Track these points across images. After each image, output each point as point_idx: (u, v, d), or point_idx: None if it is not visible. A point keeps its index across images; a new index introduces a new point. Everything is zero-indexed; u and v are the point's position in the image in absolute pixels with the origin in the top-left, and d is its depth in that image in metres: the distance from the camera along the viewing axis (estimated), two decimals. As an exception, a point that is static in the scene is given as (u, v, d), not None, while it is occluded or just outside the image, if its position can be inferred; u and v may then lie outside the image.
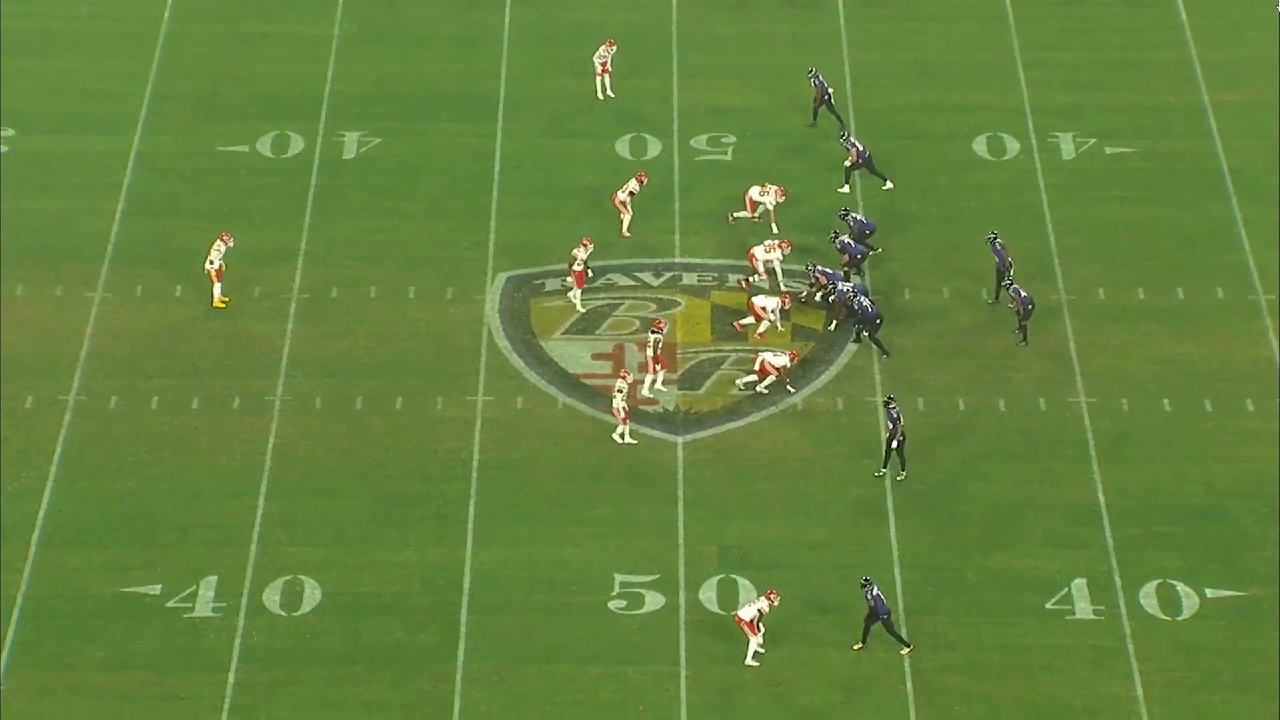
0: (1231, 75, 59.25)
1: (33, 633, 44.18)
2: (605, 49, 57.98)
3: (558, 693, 43.26)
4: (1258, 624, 44.62)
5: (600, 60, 58.01)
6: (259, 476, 47.61)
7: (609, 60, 58.00)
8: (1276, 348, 50.91)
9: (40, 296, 51.95)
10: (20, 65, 59.17)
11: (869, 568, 45.55)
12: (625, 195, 53.75)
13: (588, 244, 51.43)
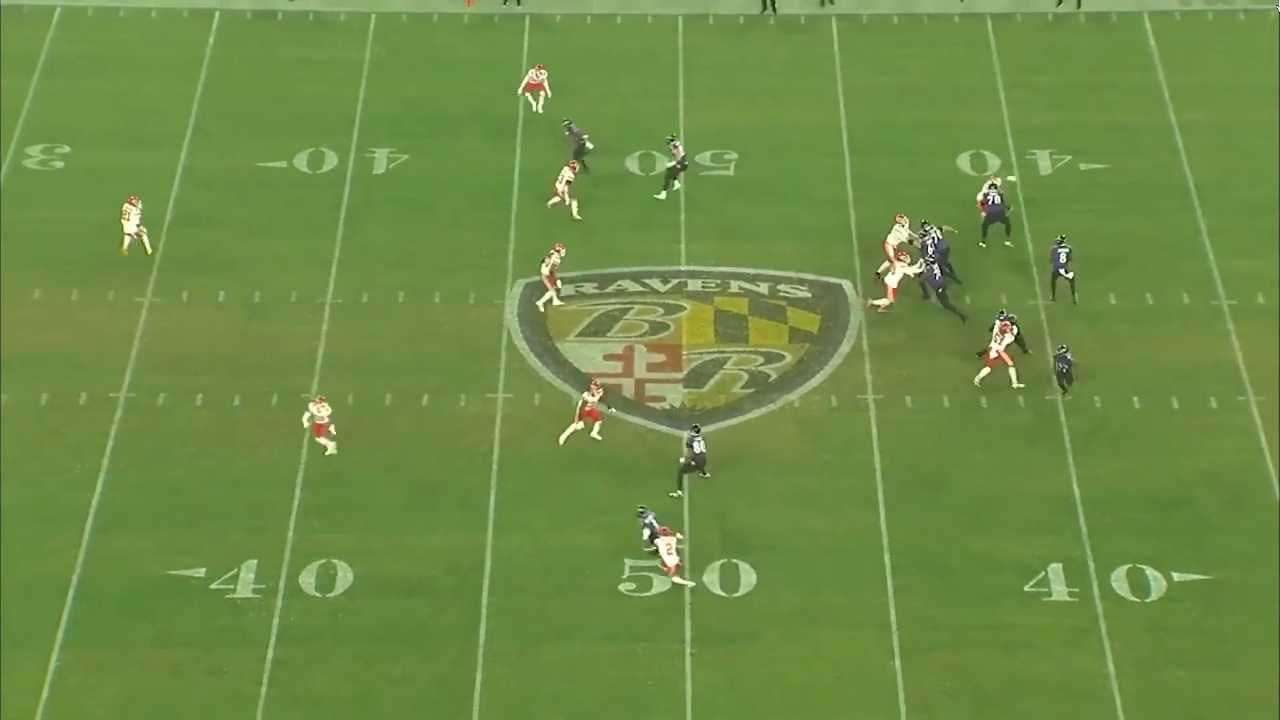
0: (1196, 97, 59.18)
1: (86, 612, 44.22)
2: (535, 72, 58.10)
3: (572, 669, 43.27)
4: (1221, 605, 44.60)
5: (530, 81, 58.03)
6: (295, 468, 47.62)
7: (542, 82, 58.01)
8: (1238, 349, 50.84)
9: (94, 300, 51.97)
10: (76, 86, 59.24)
11: (860, 553, 45.66)
12: (563, 185, 54.08)
13: (560, 249, 51.44)
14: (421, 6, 62.87)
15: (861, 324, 51.62)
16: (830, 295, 52.54)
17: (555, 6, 63.01)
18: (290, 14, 62.41)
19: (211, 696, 42.55)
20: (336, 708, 42.40)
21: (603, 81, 59.29)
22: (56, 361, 50.15)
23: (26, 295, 52.07)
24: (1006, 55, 61.01)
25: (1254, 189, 55.73)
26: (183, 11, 62.27)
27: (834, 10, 62.71)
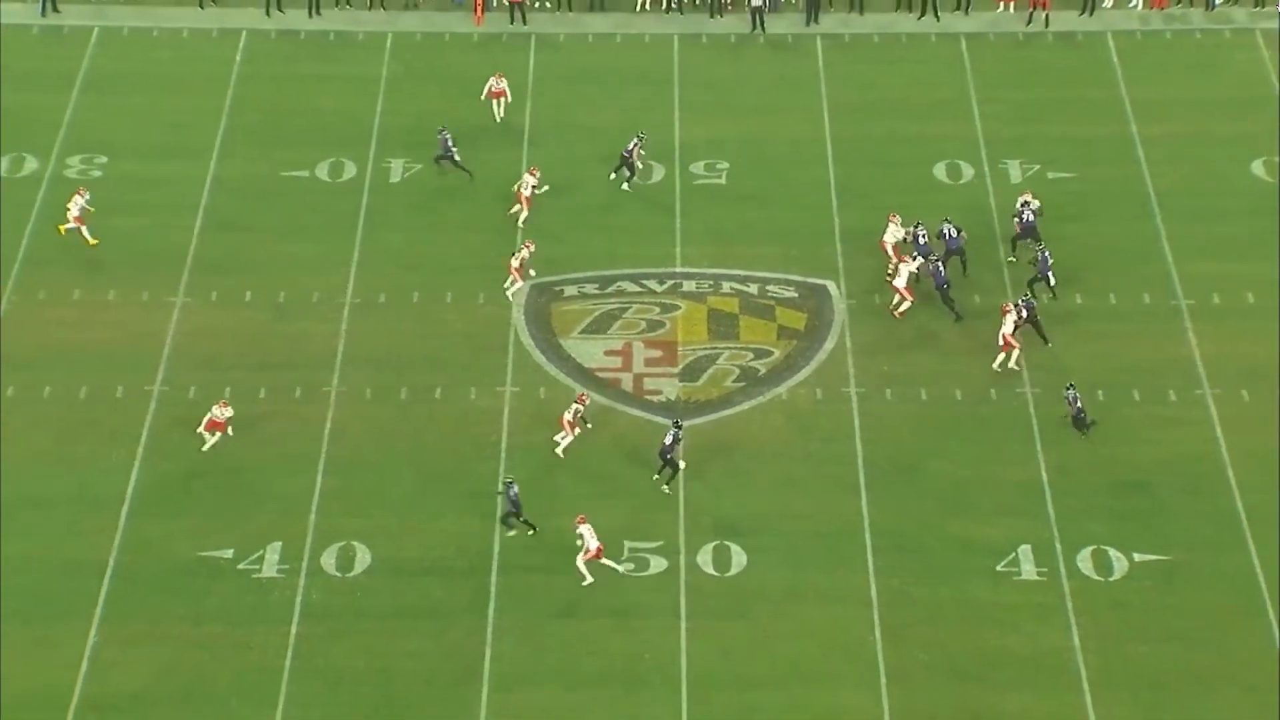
0: (1156, 111, 59.14)
1: (122, 591, 44.24)
2: (495, 80, 58.17)
3: (575, 643, 43.30)
4: (1179, 584, 44.68)
5: (492, 88, 58.19)
6: (317, 456, 47.61)
7: (504, 89, 58.15)
8: (1195, 346, 50.83)
9: (129, 300, 51.93)
10: (113, 101, 59.19)
11: (844, 535, 45.68)
12: (529, 190, 54.27)
13: (530, 246, 51.90)
14: (434, 26, 62.83)
15: (845, 322, 51.58)
16: (816, 295, 52.51)
17: (558, 26, 62.98)
18: (312, 33, 62.35)
19: (239, 669, 42.58)
20: (355, 680, 42.42)
21: (603, 96, 59.24)
22: (95, 357, 50.13)
23: (67, 295, 52.05)
24: (979, 72, 60.97)
25: (1209, 197, 55.72)
26: (212, 31, 62.21)
27: (819, 30, 62.67)
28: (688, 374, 50.23)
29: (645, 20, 63.21)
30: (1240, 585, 44.65)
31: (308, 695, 42.11)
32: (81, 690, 42.02)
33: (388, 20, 62.92)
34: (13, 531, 45.42)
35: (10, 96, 58.97)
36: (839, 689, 42.26)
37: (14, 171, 56.32)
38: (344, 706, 41.87)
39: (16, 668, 42.41)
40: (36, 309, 51.63)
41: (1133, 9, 63.43)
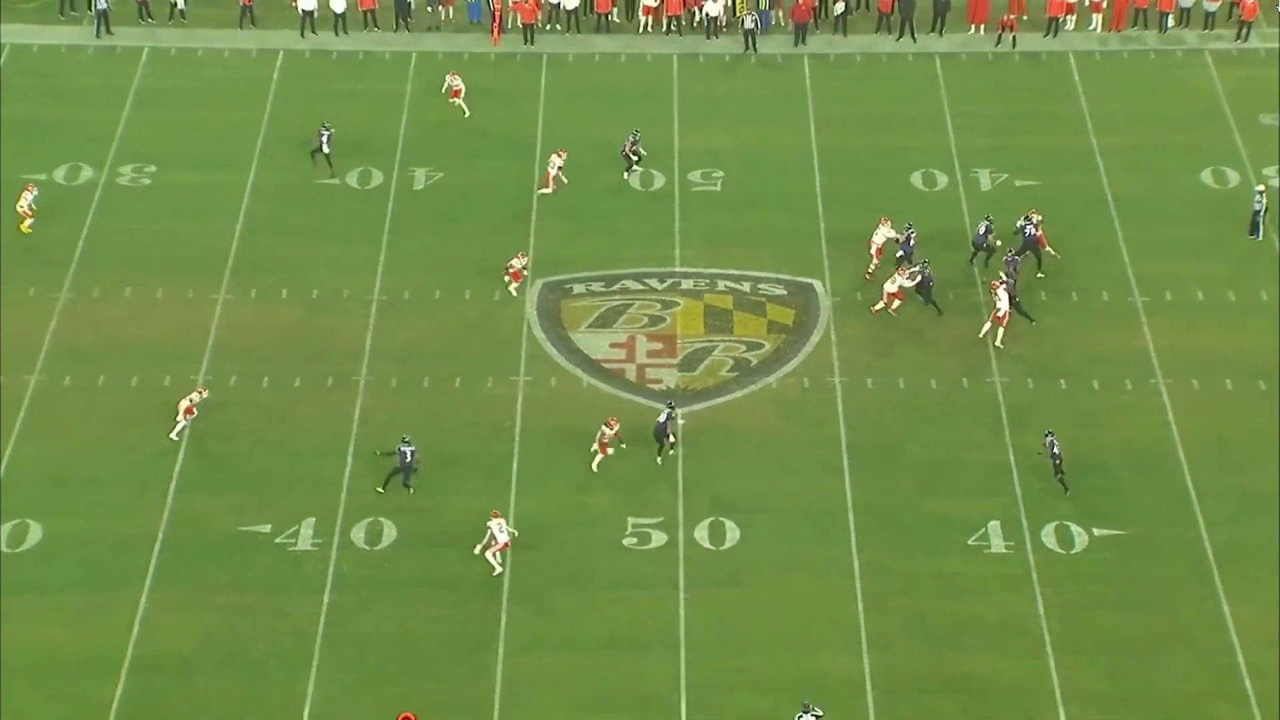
0: (1113, 124, 59.12)
1: (170, 561, 44.32)
2: (451, 78, 58.98)
3: (582, 610, 43.35)
4: (1135, 556, 44.72)
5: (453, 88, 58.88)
6: (347, 440, 47.62)
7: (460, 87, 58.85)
8: (1149, 339, 50.82)
9: (176, 298, 51.93)
10: (160, 115, 59.19)
11: (828, 512, 45.68)
12: (554, 170, 55.12)
13: (522, 257, 51.93)
14: (454, 46, 62.80)
15: (830, 318, 51.57)
16: (803, 293, 52.51)
17: (568, 47, 62.96)
18: (343, 53, 62.35)
19: (277, 634, 42.64)
20: (383, 644, 42.47)
21: (608, 111, 59.20)
22: (144, 350, 50.15)
23: (119, 293, 52.06)
24: (952, 88, 60.94)
25: (1162, 203, 55.69)
26: (251, 51, 62.21)
27: (806, 50, 62.65)
28: (686, 364, 50.23)
29: (647, 41, 63.21)
30: (1190, 557, 44.66)
31: (339, 658, 42.17)
32: (133, 652, 42.10)
33: (412, 41, 62.92)
34: (71, 509, 45.49)
35: (68, 111, 59.06)
36: (824, 652, 42.30)
37: (71, 180, 56.32)
38: (372, 668, 41.92)
39: (75, 632, 42.53)
40: (92, 305, 51.64)
41: (1092, 31, 63.47)
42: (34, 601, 43.19)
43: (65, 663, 41.83)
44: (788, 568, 44.34)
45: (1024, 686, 41.63)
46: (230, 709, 40.97)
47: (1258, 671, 41.85)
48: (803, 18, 62.70)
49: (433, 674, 41.61)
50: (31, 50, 61.92)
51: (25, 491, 45.94)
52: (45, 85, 60.43)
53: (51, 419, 48.06)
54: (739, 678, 41.73)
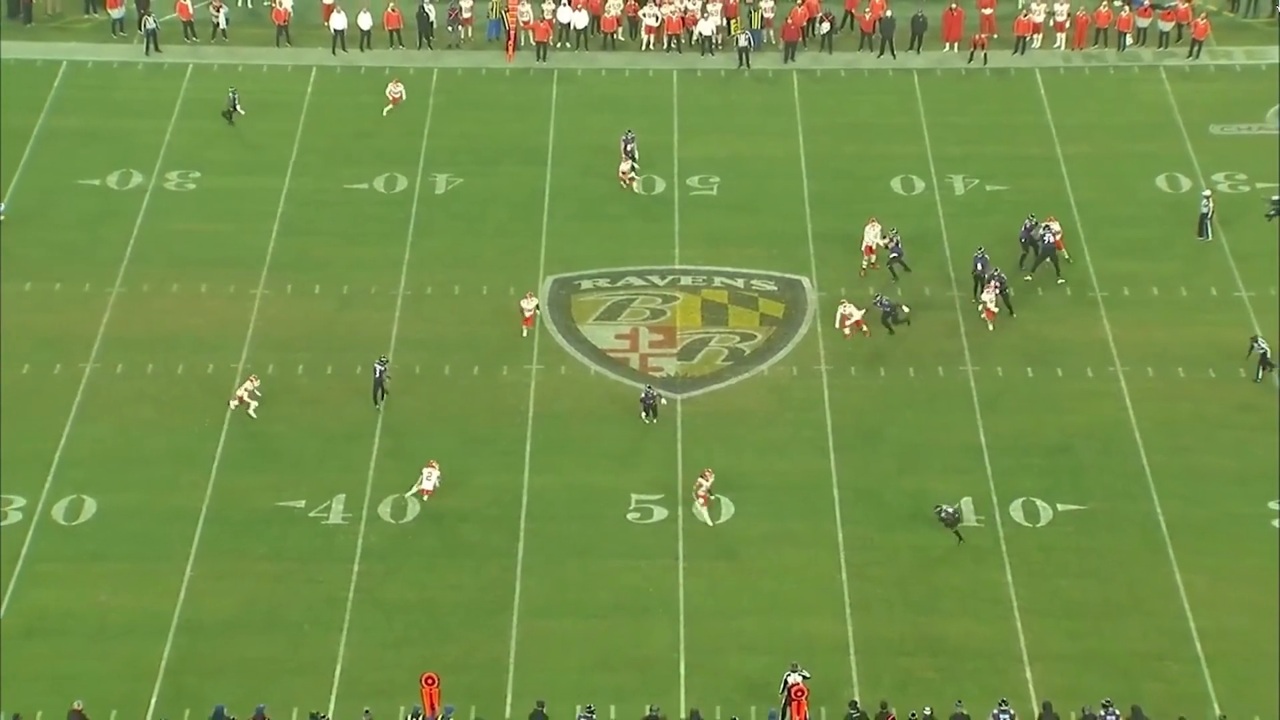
0: (1076, 134, 58.99)
1: (213, 533, 44.36)
2: (394, 86, 59.60)
3: (589, 578, 43.38)
4: (1094, 529, 44.73)
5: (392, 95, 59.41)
6: (375, 422, 47.59)
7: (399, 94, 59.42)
8: (1109, 331, 50.76)
9: (218, 292, 51.89)
10: (204, 126, 59.07)
11: (815, 489, 45.67)
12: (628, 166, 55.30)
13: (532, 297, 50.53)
14: (473, 62, 62.70)
15: (816, 311, 51.50)
16: (792, 289, 52.45)
17: (577, 63, 62.85)
18: (370, 69, 62.22)
19: (310, 600, 42.67)
20: (407, 609, 42.49)
21: (614, 121, 58.98)
22: (189, 340, 50.10)
23: (167, 288, 52.02)
24: (929, 101, 60.82)
25: (1121, 206, 55.57)
26: (287, 67, 62.11)
27: (795, 66, 62.54)
28: (685, 354, 50.17)
29: (649, 58, 63.11)
30: (1145, 530, 44.65)
31: (367, 621, 42.19)
32: (180, 615, 42.15)
33: (433, 58, 62.81)
34: (123, 485, 45.50)
35: (120, 122, 58.96)
36: (811, 617, 42.28)
37: (123, 184, 56.25)
38: (397, 631, 41.94)
39: (126, 598, 42.58)
40: (142, 299, 51.60)
41: (1056, 49, 63.34)
42: (90, 569, 43.24)
43: (118, 625, 41.87)
44: (778, 540, 44.31)
45: (994, 647, 41.65)
46: (268, 667, 40.99)
47: (1206, 634, 41.86)
48: (792, 36, 62.65)
49: (453, 636, 41.62)
50: (87, 66, 61.84)
51: (81, 469, 45.95)
52: (99, 98, 60.34)
53: (105, 403, 48.05)
54: (733, 640, 41.73)
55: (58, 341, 49.80)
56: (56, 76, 61.10)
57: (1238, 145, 58.37)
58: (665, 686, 40.66)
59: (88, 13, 64.22)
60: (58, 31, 63.61)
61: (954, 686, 40.30)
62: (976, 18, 63.36)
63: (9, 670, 40.71)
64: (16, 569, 43.10)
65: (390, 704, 39.85)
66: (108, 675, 40.59)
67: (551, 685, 40.49)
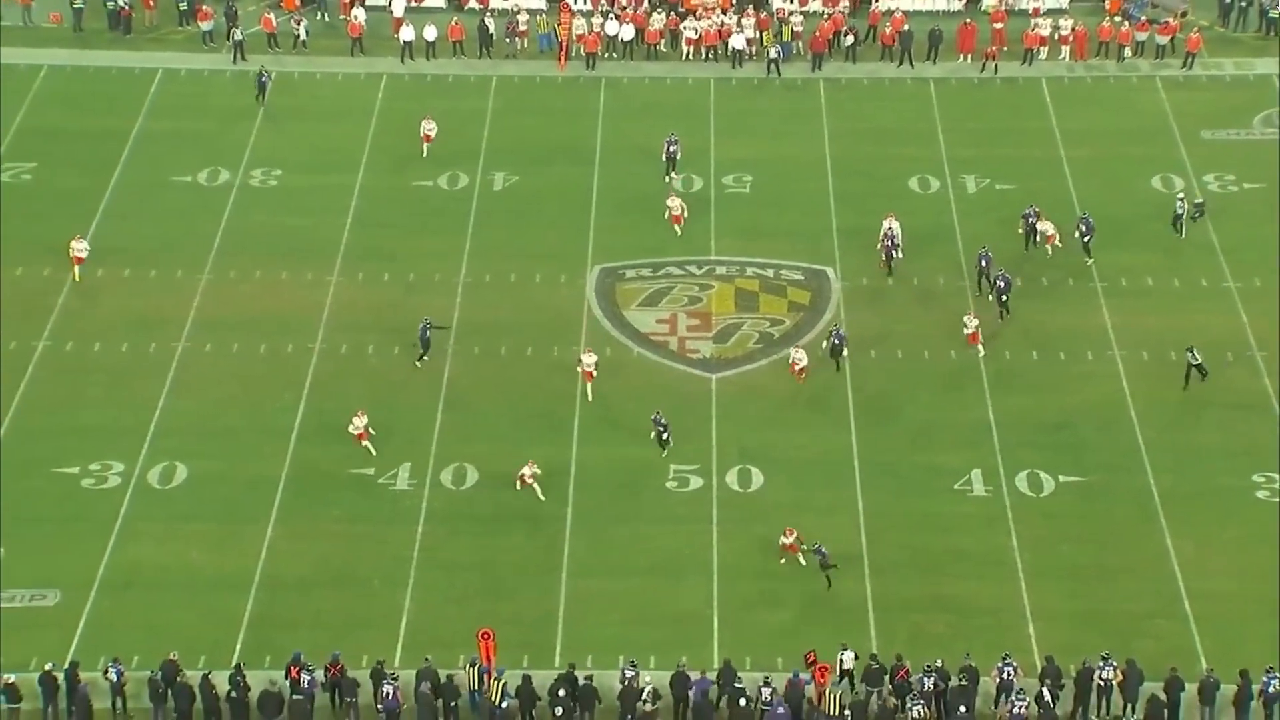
0: (1078, 138, 58.53)
1: (291, 498, 44.44)
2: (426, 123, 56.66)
3: (631, 541, 43.33)
4: (1094, 499, 44.51)
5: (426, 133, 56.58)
6: (438, 398, 47.57)
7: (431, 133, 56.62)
8: (1107, 318, 50.37)
9: (297, 279, 51.91)
10: (285, 128, 59.14)
11: (837, 462, 45.46)
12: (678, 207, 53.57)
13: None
14: (528, 70, 62.52)
15: (839, 299, 51.25)
16: (817, 278, 52.19)
17: (623, 71, 62.62)
18: (436, 76, 62.14)
19: (379, 559, 42.72)
20: (466, 569, 42.50)
21: (656, 125, 58.76)
22: (271, 322, 50.14)
23: (251, 275, 52.07)
24: (944, 107, 60.40)
25: (1119, 204, 55.04)
26: (360, 75, 62.08)
27: (821, 75, 62.20)
28: (719, 337, 49.98)
29: (689, 67, 62.83)
30: (1140, 500, 44.34)
31: (430, 579, 42.20)
32: (261, 573, 42.24)
33: (492, 66, 62.67)
34: (210, 453, 45.58)
35: (209, 124, 58.98)
36: (833, 578, 42.02)
37: (212, 181, 56.34)
38: (457, 588, 41.93)
39: (213, 555, 42.71)
40: (229, 286, 51.66)
41: (1061, 60, 62.87)
42: (180, 529, 43.35)
43: (205, 581, 41.99)
44: (803, 508, 44.09)
45: (1000, 606, 41.42)
46: (341, 620, 41.03)
47: (1195, 596, 41.57)
48: (819, 48, 62.34)
49: (507, 594, 41.59)
50: (180, 74, 61.93)
51: (173, 439, 46.06)
52: (191, 103, 60.41)
53: (195, 379, 48.15)
54: (761, 598, 41.58)
55: (153, 323, 49.92)
56: (153, 83, 61.21)
57: (1227, 149, 57.88)
58: (700, 640, 40.54)
59: (181, 25, 64.33)
60: (154, 43, 63.74)
61: (963, 642, 40.01)
62: (989, 31, 62.95)
63: (108, 619, 40.89)
64: (115, 528, 43.28)
65: (450, 654, 39.82)
66: (197, 625, 40.71)
67: (596, 639, 40.44)
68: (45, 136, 58.05)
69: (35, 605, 41.16)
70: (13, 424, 46.30)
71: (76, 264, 50.48)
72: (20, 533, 42.95)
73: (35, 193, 55.42)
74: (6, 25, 64.02)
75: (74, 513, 43.65)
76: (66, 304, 50.52)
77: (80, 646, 40.04)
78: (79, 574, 41.85)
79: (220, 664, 39.63)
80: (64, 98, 60.33)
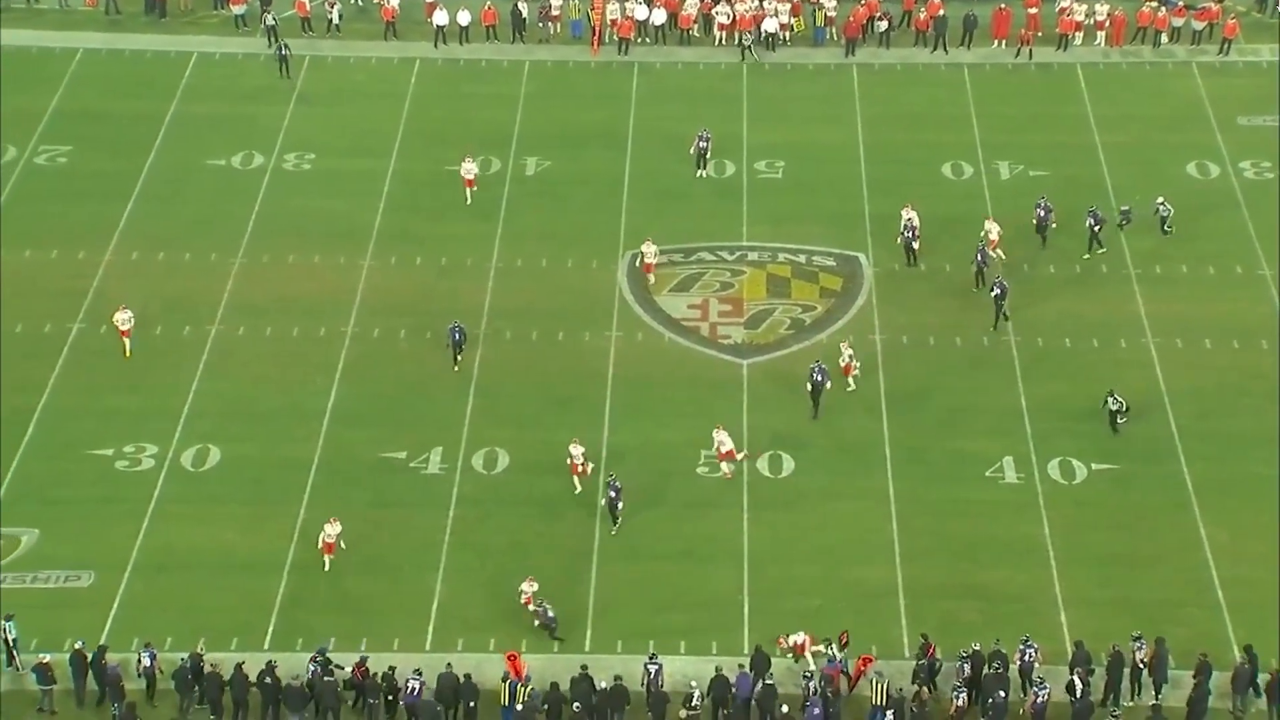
0: (1112, 124, 58.16)
1: (323, 482, 44.53)
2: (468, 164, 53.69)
3: (661, 524, 43.27)
4: (1126, 487, 44.26)
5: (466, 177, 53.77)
6: (469, 382, 47.54)
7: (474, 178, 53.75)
8: (1141, 305, 50.03)
9: (330, 264, 51.92)
10: (319, 112, 59.13)
11: (869, 448, 45.29)
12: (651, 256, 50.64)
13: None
14: (561, 56, 62.37)
15: (871, 285, 51.01)
16: (850, 264, 51.95)
17: (656, 56, 62.41)
18: (469, 61, 62.05)
19: (410, 543, 42.74)
20: (497, 552, 42.49)
21: (689, 111, 58.61)
22: (303, 305, 50.19)
23: (284, 259, 52.12)
24: (978, 93, 60.05)
25: (1153, 191, 54.41)
26: (394, 59, 62.03)
27: (855, 60, 61.88)
28: (751, 323, 49.80)
29: (722, 52, 62.56)
30: (1172, 488, 44.06)
31: (461, 562, 42.20)
32: (293, 555, 42.28)
33: (525, 51, 62.54)
34: (244, 436, 45.65)
35: (243, 108, 59.03)
36: (864, 565, 41.96)
37: (246, 165, 56.38)
38: (488, 572, 41.92)
39: (246, 537, 42.79)
40: (262, 269, 51.71)
41: (1096, 46, 62.41)
42: (213, 512, 43.44)
43: (238, 562, 42.07)
44: (834, 494, 43.96)
45: (1031, 593, 41.22)
46: (372, 603, 41.09)
47: (1227, 584, 41.32)
48: (853, 34, 62.02)
49: (538, 577, 41.36)
50: (215, 58, 61.99)
51: (207, 421, 46.16)
52: (225, 87, 60.48)
53: (228, 362, 48.23)
54: (792, 585, 41.45)
55: (187, 306, 50.01)
56: (187, 67, 61.28)
57: (1262, 135, 57.38)
58: (730, 625, 40.44)
59: (215, 9, 64.40)
60: (189, 26, 63.81)
61: (994, 629, 39.80)
62: (1023, 17, 62.50)
63: (141, 600, 41.00)
64: (149, 509, 43.40)
65: (481, 638, 39.86)
66: (229, 607, 40.80)
67: (626, 624, 40.40)
68: (81, 119, 58.22)
69: (70, 586, 41.31)
70: (47, 406, 46.46)
71: (124, 337, 47.77)
72: (55, 514, 43.13)
73: (71, 175, 55.60)
74: (43, 8, 64.26)
75: (108, 494, 43.80)
76: (101, 287, 50.64)
77: (114, 627, 40.17)
78: (113, 555, 41.99)
79: (253, 646, 39.69)
80: (99, 81, 60.48)
